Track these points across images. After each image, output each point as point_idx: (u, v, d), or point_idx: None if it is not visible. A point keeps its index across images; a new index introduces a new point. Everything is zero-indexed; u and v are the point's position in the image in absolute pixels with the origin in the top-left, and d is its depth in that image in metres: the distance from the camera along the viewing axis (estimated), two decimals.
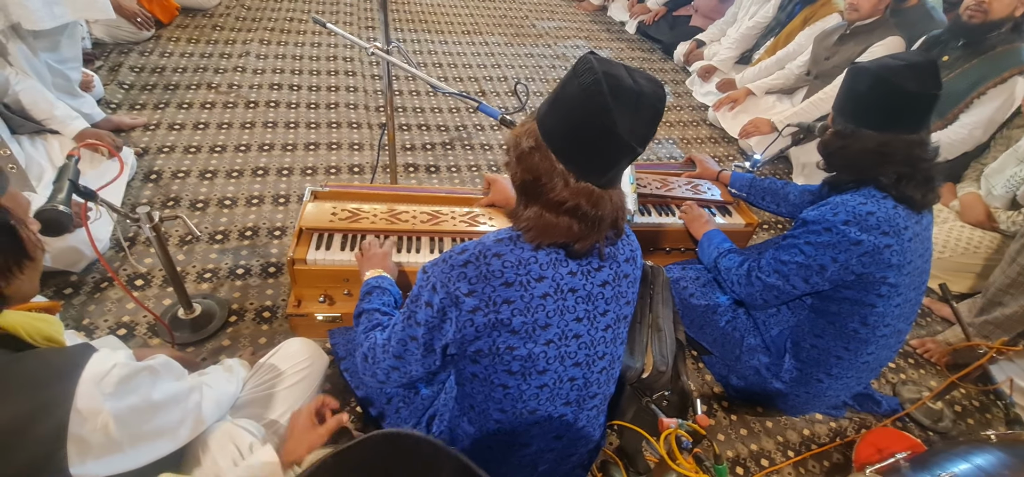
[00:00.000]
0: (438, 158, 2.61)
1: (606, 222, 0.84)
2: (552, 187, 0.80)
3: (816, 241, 1.28)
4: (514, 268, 0.85)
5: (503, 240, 0.87)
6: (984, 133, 2.19)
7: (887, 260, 1.23)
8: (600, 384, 1.00)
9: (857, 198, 1.26)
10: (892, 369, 1.90)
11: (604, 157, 0.79)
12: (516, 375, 0.90)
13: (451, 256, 0.87)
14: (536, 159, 0.81)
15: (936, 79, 1.17)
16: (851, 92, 1.26)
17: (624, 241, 0.96)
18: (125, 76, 2.75)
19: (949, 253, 2.11)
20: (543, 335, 0.88)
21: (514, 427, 0.97)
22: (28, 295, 0.82)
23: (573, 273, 0.89)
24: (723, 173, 1.95)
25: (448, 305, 0.86)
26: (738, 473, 1.51)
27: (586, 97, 0.75)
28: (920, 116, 1.22)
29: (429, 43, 3.83)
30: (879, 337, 1.34)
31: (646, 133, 0.78)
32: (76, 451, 0.72)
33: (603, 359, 0.98)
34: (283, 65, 3.14)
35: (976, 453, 1.19)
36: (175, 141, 2.38)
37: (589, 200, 0.80)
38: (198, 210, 2.05)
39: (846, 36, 2.63)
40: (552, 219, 0.82)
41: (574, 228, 0.82)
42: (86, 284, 1.70)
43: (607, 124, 0.74)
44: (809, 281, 1.32)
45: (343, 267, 1.49)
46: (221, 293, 1.76)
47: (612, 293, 0.94)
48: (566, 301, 0.88)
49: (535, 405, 0.94)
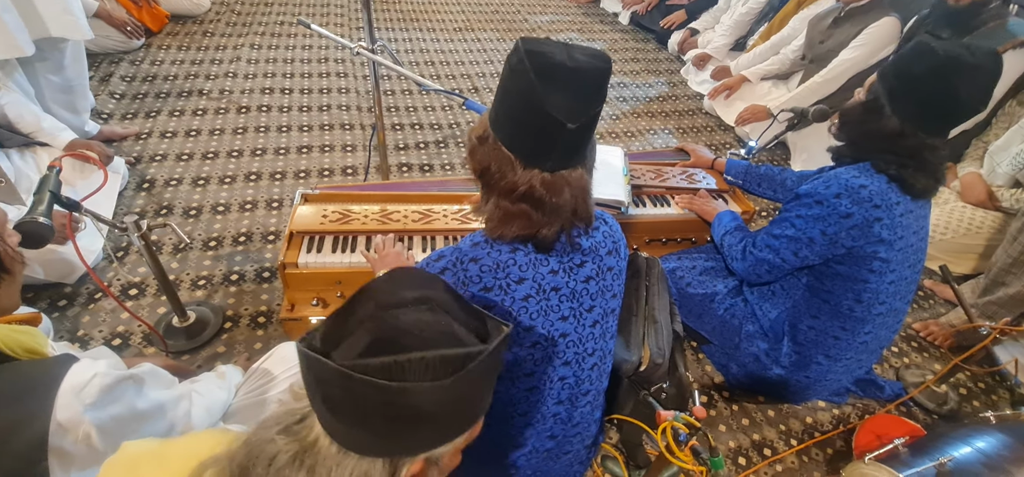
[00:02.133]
0: (432, 156, 2.59)
1: (565, 210, 0.81)
2: (502, 175, 0.79)
3: (806, 214, 1.28)
4: (492, 272, 0.83)
5: (479, 243, 0.85)
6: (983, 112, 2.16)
7: (877, 234, 1.22)
8: (592, 380, 0.98)
9: (852, 172, 1.25)
10: (895, 353, 1.88)
11: (541, 139, 0.76)
12: (503, 380, 0.88)
13: (429, 264, 0.86)
14: (485, 149, 0.80)
15: (990, 91, 1.11)
16: (906, 68, 1.15)
17: (606, 232, 0.94)
18: (116, 86, 2.74)
19: (950, 234, 2.09)
20: (527, 338, 0.86)
21: (507, 430, 0.95)
22: (7, 309, 0.81)
23: (554, 271, 0.86)
24: (718, 160, 1.92)
25: None
26: (740, 463, 1.49)
27: (516, 79, 0.73)
28: (954, 123, 1.18)
29: (420, 41, 3.81)
30: (875, 316, 1.33)
31: (586, 109, 0.74)
32: (58, 463, 0.71)
33: (593, 356, 0.96)
34: (274, 69, 3.13)
35: (975, 435, 1.18)
36: (167, 149, 2.37)
37: (543, 185, 0.78)
38: (191, 217, 2.04)
39: (841, 18, 2.60)
40: (509, 207, 0.81)
41: (532, 216, 0.80)
42: (80, 295, 1.69)
43: (535, 103, 0.72)
44: (799, 255, 1.31)
45: (335, 269, 1.48)
46: (215, 300, 1.75)
47: (597, 288, 0.92)
48: (549, 301, 0.86)
49: (525, 408, 0.92)
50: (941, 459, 1.13)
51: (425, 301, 0.55)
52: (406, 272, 0.59)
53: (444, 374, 0.48)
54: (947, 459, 1.13)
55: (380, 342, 0.49)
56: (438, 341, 0.51)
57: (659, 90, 3.50)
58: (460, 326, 0.54)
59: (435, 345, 0.49)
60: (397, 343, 0.49)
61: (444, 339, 0.51)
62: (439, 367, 0.48)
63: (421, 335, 0.51)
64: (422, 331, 0.51)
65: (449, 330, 0.53)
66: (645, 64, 3.85)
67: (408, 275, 0.58)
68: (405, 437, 0.51)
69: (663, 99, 3.40)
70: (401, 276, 0.58)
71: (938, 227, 2.10)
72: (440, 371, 0.48)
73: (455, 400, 0.51)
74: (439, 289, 0.58)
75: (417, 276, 0.59)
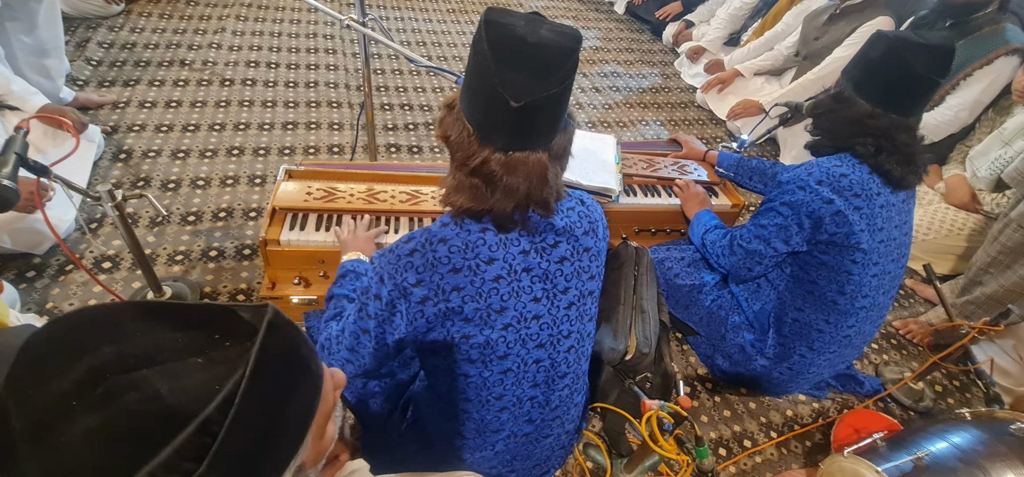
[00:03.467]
0: (421, 138, 2.54)
1: (520, 192, 0.78)
2: (460, 145, 0.78)
3: (791, 200, 1.29)
4: (461, 252, 0.81)
5: (448, 224, 0.83)
6: (970, 115, 2.18)
7: (857, 223, 1.24)
8: (569, 363, 0.97)
9: (833, 161, 1.28)
10: (875, 350, 1.91)
11: (490, 115, 0.74)
12: (476, 363, 0.87)
13: (398, 246, 0.84)
14: (450, 118, 0.80)
15: (946, 66, 1.16)
16: (864, 56, 1.24)
17: (581, 212, 0.92)
18: (93, 52, 2.63)
19: (933, 235, 2.12)
20: (499, 320, 0.84)
21: (482, 415, 0.94)
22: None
23: (526, 252, 0.84)
24: (710, 153, 1.92)
25: (396, 297, 0.82)
26: (721, 454, 1.50)
27: (475, 49, 0.73)
28: (915, 100, 1.22)
29: (413, 22, 3.73)
30: (858, 309, 1.34)
31: (539, 89, 0.71)
32: None
33: (569, 338, 0.94)
34: (260, 42, 3.04)
35: (952, 431, 1.19)
36: (146, 119, 2.29)
37: (496, 163, 0.77)
38: (170, 190, 1.98)
39: (836, 16, 2.60)
40: (462, 179, 0.80)
41: (481, 191, 0.78)
42: (50, 267, 1.63)
43: (487, 77, 0.70)
44: (789, 242, 1.32)
45: (318, 248, 1.44)
46: (193, 276, 1.70)
47: (572, 269, 0.90)
48: (521, 282, 0.84)
49: (500, 391, 0.91)
50: (918, 453, 1.14)
51: (96, 378, 0.36)
52: (66, 326, 0.39)
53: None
54: (924, 453, 1.14)
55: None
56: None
57: (652, 81, 3.48)
58: (171, 386, 0.37)
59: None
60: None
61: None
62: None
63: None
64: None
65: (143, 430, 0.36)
66: (639, 55, 3.82)
67: (71, 332, 0.39)
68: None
69: (656, 90, 3.38)
70: (59, 343, 0.38)
71: (921, 227, 2.13)
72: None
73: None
74: (132, 322, 0.39)
75: (88, 326, 0.39)
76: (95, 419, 0.35)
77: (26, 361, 0.38)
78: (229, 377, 0.38)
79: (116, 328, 0.38)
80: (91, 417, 0.35)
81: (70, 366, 0.36)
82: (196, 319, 0.40)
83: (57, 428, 0.35)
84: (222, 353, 0.39)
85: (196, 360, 0.38)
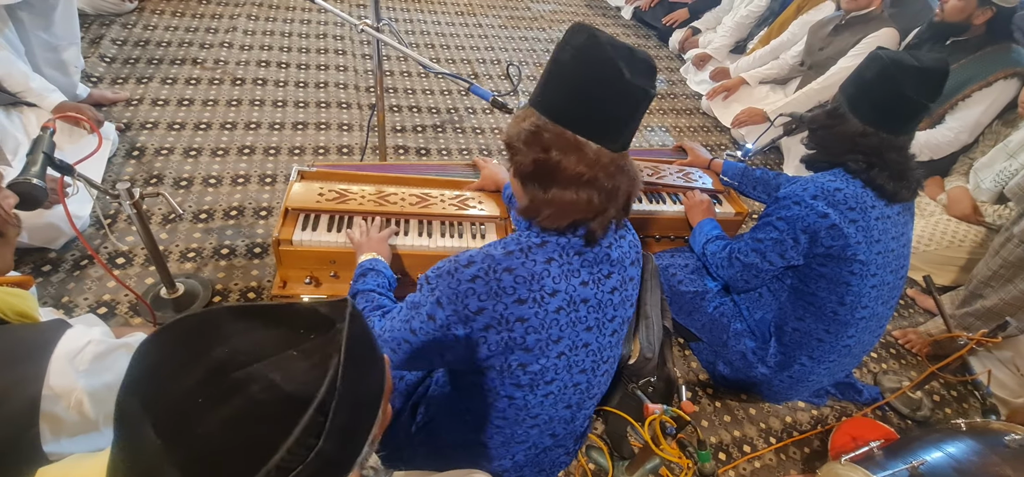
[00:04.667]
0: (429, 140, 2.57)
1: (621, 194, 0.82)
2: (568, 162, 0.78)
3: (787, 215, 1.33)
4: (527, 283, 0.81)
5: (512, 253, 0.82)
6: (970, 136, 2.20)
7: (853, 236, 1.27)
8: (600, 386, 1.01)
9: (827, 176, 1.32)
10: (874, 359, 1.93)
11: (617, 107, 0.77)
12: (524, 388, 0.88)
13: (457, 269, 0.82)
14: (545, 137, 0.78)
15: (936, 90, 1.20)
16: (859, 75, 1.28)
17: (631, 241, 0.95)
18: (107, 49, 2.67)
19: (934, 246, 2.14)
20: (555, 349, 0.86)
21: (513, 430, 0.96)
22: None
23: (585, 283, 0.86)
24: (715, 161, 1.94)
25: (454, 322, 0.82)
26: (721, 458, 1.52)
27: (585, 54, 0.74)
28: (905, 121, 1.26)
29: (421, 23, 3.76)
30: (858, 319, 1.37)
31: (647, 85, 0.76)
32: (49, 429, 0.70)
33: (607, 362, 0.98)
34: (271, 42, 3.07)
35: (947, 441, 1.22)
36: (159, 117, 2.33)
37: (605, 170, 0.79)
38: (182, 188, 2.01)
39: (841, 26, 2.62)
40: (572, 196, 0.79)
41: (594, 201, 0.80)
42: (66, 261, 1.66)
43: (612, 73, 0.73)
44: (785, 256, 1.35)
45: (329, 248, 1.47)
46: (205, 273, 1.73)
47: (620, 298, 0.92)
48: (578, 312, 0.86)
49: (538, 411, 0.93)
50: (914, 462, 1.17)
51: (219, 374, 0.41)
52: (172, 334, 0.44)
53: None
54: (919, 463, 1.17)
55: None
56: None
57: (657, 87, 3.50)
58: (283, 376, 0.42)
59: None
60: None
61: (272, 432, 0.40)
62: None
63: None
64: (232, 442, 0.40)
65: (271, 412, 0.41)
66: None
67: (179, 339, 0.44)
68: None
69: (661, 96, 3.40)
70: (171, 349, 0.43)
71: (923, 238, 2.15)
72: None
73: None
74: (230, 324, 0.44)
75: (194, 332, 0.44)
76: (228, 409, 0.40)
77: (144, 370, 0.42)
78: (327, 363, 0.44)
79: (219, 330, 0.43)
80: (224, 408, 0.40)
81: (190, 368, 0.41)
82: (284, 317, 0.46)
83: (193, 421, 0.39)
84: (311, 344, 0.44)
85: (292, 352, 0.43)
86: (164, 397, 0.40)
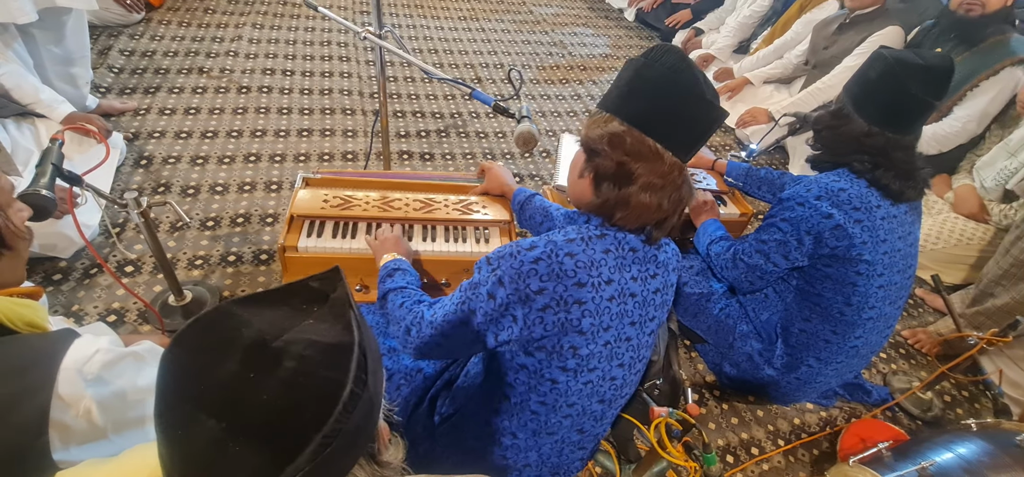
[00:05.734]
0: (433, 146, 2.59)
1: (684, 202, 0.88)
2: (647, 167, 0.84)
3: (791, 216, 1.32)
4: (586, 269, 0.85)
5: (573, 240, 0.87)
6: (978, 126, 2.19)
7: (858, 236, 1.26)
8: (631, 385, 1.02)
9: (831, 177, 1.31)
10: (883, 359, 1.91)
11: (698, 125, 0.85)
12: (569, 371, 0.90)
13: (520, 251, 0.86)
14: (629, 142, 0.84)
15: (942, 88, 1.19)
16: (863, 75, 1.27)
17: (673, 250, 1.00)
18: (115, 59, 2.71)
19: (942, 244, 2.12)
20: (603, 336, 0.89)
21: (548, 417, 0.97)
22: (8, 283, 0.81)
23: (635, 279, 0.91)
24: (719, 162, 1.94)
25: (515, 301, 0.85)
26: (728, 461, 1.51)
27: (674, 74, 0.82)
28: (912, 120, 1.24)
29: (425, 28, 3.78)
30: (866, 320, 1.36)
31: (720, 108, 0.85)
32: (58, 437, 0.71)
33: (641, 362, 1.00)
34: (276, 50, 3.10)
35: (957, 442, 1.20)
36: (166, 126, 2.35)
37: (675, 179, 0.86)
38: (189, 196, 2.03)
39: (846, 25, 2.61)
40: (646, 199, 0.85)
41: (664, 205, 0.87)
42: (75, 270, 1.68)
43: (697, 93, 0.82)
44: (788, 257, 1.35)
45: (335, 255, 1.48)
46: (212, 280, 1.75)
47: (661, 300, 0.97)
48: (626, 305, 0.90)
49: (575, 399, 0.94)
50: (923, 463, 1.16)
51: (259, 349, 0.44)
52: (192, 335, 0.47)
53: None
54: (929, 464, 1.15)
55: None
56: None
57: None
58: (312, 338, 0.47)
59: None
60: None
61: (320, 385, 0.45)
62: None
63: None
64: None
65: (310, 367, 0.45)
66: None
67: (201, 337, 0.47)
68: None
69: None
70: (197, 348, 0.46)
71: (930, 237, 2.13)
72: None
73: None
74: (242, 311, 0.47)
75: (214, 326, 0.47)
76: (283, 372, 0.44)
77: (179, 374, 0.44)
78: (345, 316, 0.49)
79: (236, 318, 0.46)
80: (278, 372, 0.43)
81: (227, 354, 0.44)
82: (284, 296, 0.50)
83: (251, 394, 0.43)
84: (320, 311, 0.49)
85: (309, 321, 0.48)
86: (212, 387, 0.43)
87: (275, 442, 0.42)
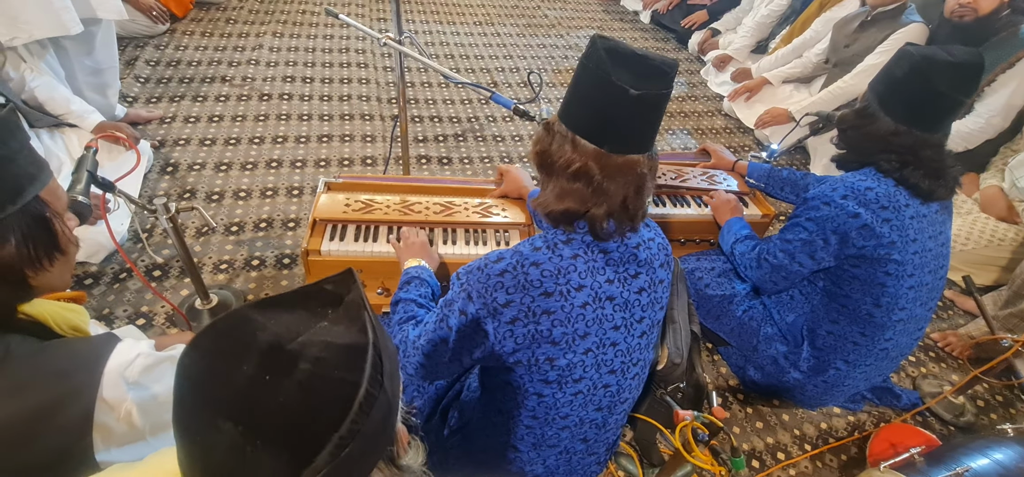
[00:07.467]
0: (450, 150, 2.60)
1: (615, 197, 0.83)
2: (561, 152, 0.83)
3: (816, 216, 1.30)
4: (553, 277, 0.84)
5: (540, 248, 0.86)
6: (1004, 119, 2.13)
7: (886, 235, 1.24)
8: (631, 389, 1.00)
9: (858, 176, 1.29)
10: (912, 362, 1.87)
11: (600, 112, 0.80)
12: (552, 384, 0.89)
13: (487, 265, 0.86)
14: (550, 135, 0.86)
15: (972, 84, 1.17)
16: (889, 73, 1.24)
17: (660, 244, 0.96)
18: (141, 69, 2.78)
19: (972, 245, 2.06)
20: (582, 344, 0.87)
21: (544, 431, 0.96)
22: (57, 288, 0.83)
23: (611, 281, 0.88)
24: (739, 163, 1.92)
25: (484, 316, 0.84)
26: (754, 466, 1.49)
27: (586, 61, 0.80)
28: (940, 117, 1.22)
29: (441, 34, 3.81)
30: (895, 321, 1.33)
31: (649, 86, 0.77)
32: (101, 438, 0.73)
33: (637, 366, 0.97)
34: (296, 58, 3.15)
35: (993, 448, 1.17)
36: (190, 133, 2.41)
37: (597, 162, 0.81)
38: (214, 202, 2.08)
39: (867, 23, 2.56)
40: (565, 186, 0.84)
41: (583, 193, 0.83)
42: (105, 275, 1.73)
43: (603, 76, 0.77)
44: (815, 257, 1.32)
45: (357, 258, 1.50)
46: (237, 284, 1.78)
47: (648, 299, 0.93)
48: (604, 309, 0.87)
49: (568, 411, 0.94)
50: (958, 469, 1.13)
51: (275, 352, 0.44)
52: (209, 339, 0.46)
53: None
54: (965, 470, 1.12)
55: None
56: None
57: (678, 90, 3.47)
58: (327, 341, 0.46)
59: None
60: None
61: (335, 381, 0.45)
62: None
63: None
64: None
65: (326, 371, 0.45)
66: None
67: (218, 341, 0.46)
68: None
69: (682, 99, 3.38)
70: (215, 352, 0.45)
71: (959, 237, 2.08)
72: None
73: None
74: (258, 315, 0.47)
75: (230, 330, 0.47)
76: (299, 374, 0.43)
77: (197, 377, 0.44)
78: (360, 318, 0.49)
79: (252, 322, 0.46)
80: (294, 375, 0.43)
81: (243, 358, 0.44)
82: (299, 300, 0.50)
83: (268, 397, 0.42)
84: (334, 314, 0.49)
85: (323, 323, 0.48)
86: (229, 390, 0.43)
87: (292, 444, 0.42)
